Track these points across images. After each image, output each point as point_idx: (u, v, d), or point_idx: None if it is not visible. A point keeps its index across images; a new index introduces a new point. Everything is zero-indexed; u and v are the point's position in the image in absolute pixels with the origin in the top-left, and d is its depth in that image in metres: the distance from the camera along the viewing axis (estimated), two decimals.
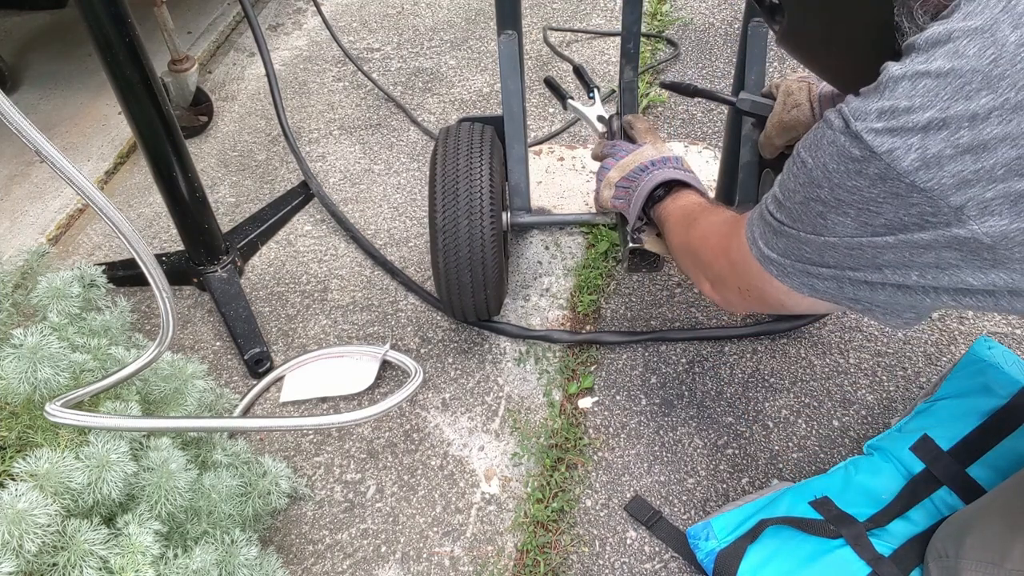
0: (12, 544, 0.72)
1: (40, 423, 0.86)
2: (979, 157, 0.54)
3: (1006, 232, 0.55)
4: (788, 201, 0.67)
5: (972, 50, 0.54)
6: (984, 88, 0.53)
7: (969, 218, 0.55)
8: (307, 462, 1.26)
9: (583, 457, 1.24)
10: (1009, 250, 0.56)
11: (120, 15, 1.14)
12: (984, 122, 0.53)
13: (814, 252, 0.66)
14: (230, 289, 1.48)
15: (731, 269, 0.81)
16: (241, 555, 0.92)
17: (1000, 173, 0.54)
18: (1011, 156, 0.53)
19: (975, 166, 0.54)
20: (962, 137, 0.54)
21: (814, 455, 1.22)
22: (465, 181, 1.21)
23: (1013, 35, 0.53)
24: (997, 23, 0.54)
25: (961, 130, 0.54)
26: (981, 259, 0.57)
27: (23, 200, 1.77)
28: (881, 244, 0.61)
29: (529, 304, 1.47)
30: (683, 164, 1.10)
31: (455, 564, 1.13)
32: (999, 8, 0.54)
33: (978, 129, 0.54)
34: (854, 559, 1.00)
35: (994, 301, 0.61)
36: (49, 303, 0.97)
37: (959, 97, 0.54)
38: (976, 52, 0.54)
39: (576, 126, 1.87)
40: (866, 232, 0.61)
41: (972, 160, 0.54)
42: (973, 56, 0.54)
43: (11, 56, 2.20)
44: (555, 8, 2.32)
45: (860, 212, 0.60)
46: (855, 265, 0.64)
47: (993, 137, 0.53)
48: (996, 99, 0.53)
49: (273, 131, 1.94)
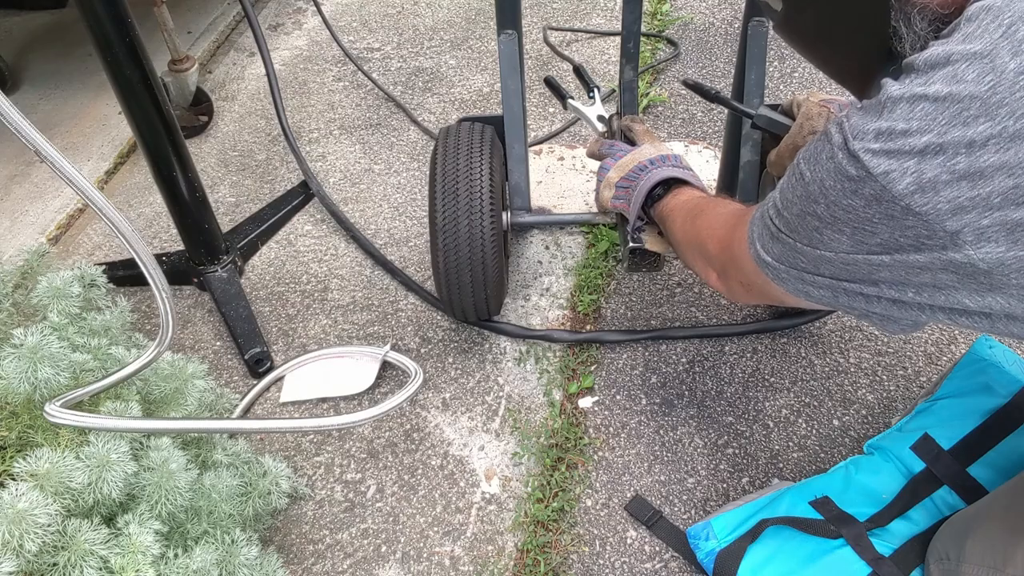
0: (12, 544, 0.72)
1: (40, 423, 0.86)
2: (975, 184, 0.53)
3: (1002, 259, 0.55)
4: (786, 211, 0.67)
5: (971, 75, 0.54)
6: (982, 115, 0.53)
7: (965, 243, 0.55)
8: (307, 462, 1.26)
9: (583, 457, 1.24)
10: (1006, 276, 0.55)
11: (120, 15, 1.14)
12: (981, 150, 0.53)
13: (809, 263, 0.67)
14: (230, 289, 1.48)
15: (733, 263, 0.81)
16: (241, 555, 0.92)
17: (996, 201, 0.53)
18: (1008, 185, 0.53)
19: (971, 193, 0.54)
20: (959, 163, 0.53)
21: (814, 455, 1.21)
22: (465, 181, 1.21)
23: (1012, 62, 0.52)
24: (997, 49, 0.53)
25: (958, 156, 0.53)
26: (978, 283, 0.57)
27: (23, 200, 1.77)
28: (876, 262, 0.61)
29: (529, 304, 1.47)
30: (682, 162, 1.10)
31: (455, 564, 1.13)
32: (998, 34, 0.53)
33: (975, 156, 0.53)
34: (854, 559, 1.00)
35: (990, 324, 0.60)
36: (49, 303, 0.97)
37: (956, 123, 0.54)
38: (975, 78, 0.53)
39: (576, 126, 1.87)
40: (861, 250, 0.61)
41: (968, 187, 0.54)
42: (972, 82, 0.53)
43: (11, 56, 2.19)
44: (555, 8, 2.32)
45: (855, 231, 0.60)
46: (851, 277, 0.64)
47: (990, 165, 0.53)
48: (994, 127, 0.52)
49: (273, 131, 1.94)
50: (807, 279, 0.68)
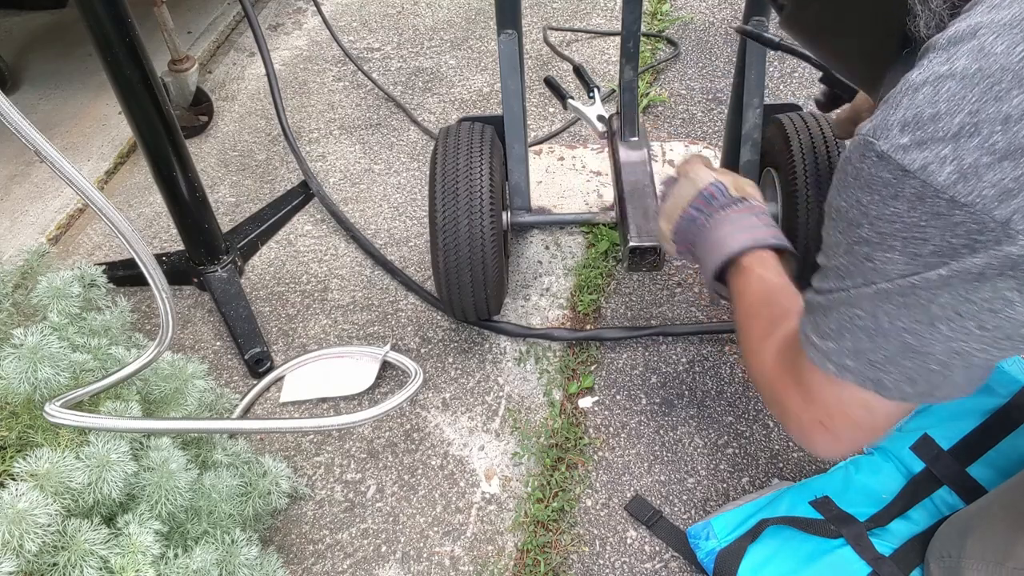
0: (12, 544, 0.72)
1: (40, 423, 0.86)
2: (1018, 163, 0.49)
3: None
4: (833, 259, 0.62)
5: (1000, 47, 0.50)
6: (1015, 87, 0.49)
7: (1018, 232, 0.50)
8: (307, 462, 1.26)
9: (583, 457, 1.24)
10: None
11: (120, 15, 1.14)
12: (1018, 124, 0.49)
13: (868, 316, 0.60)
14: (230, 289, 1.48)
15: (804, 396, 0.71)
16: (241, 555, 0.92)
17: None
18: None
19: (1015, 173, 0.49)
20: (997, 142, 0.50)
21: (814, 454, 1.22)
22: (465, 181, 1.21)
23: None
24: None
25: (995, 135, 0.50)
26: None
27: (23, 200, 1.77)
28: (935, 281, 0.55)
29: (529, 304, 1.47)
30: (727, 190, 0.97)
31: (455, 564, 1.13)
32: None
33: (1012, 132, 0.49)
34: (854, 559, 1.00)
35: None
36: (49, 303, 0.97)
37: (989, 98, 0.50)
38: (1005, 49, 0.50)
39: (576, 126, 1.87)
40: (917, 266, 0.55)
41: (1011, 167, 0.49)
42: (1002, 53, 0.50)
43: (11, 56, 2.19)
44: (555, 8, 2.32)
45: (906, 243, 0.55)
46: (910, 323, 0.58)
47: None
48: None
49: (273, 131, 1.94)
50: (872, 356, 0.61)
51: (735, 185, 0.98)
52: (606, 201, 1.65)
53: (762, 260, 0.90)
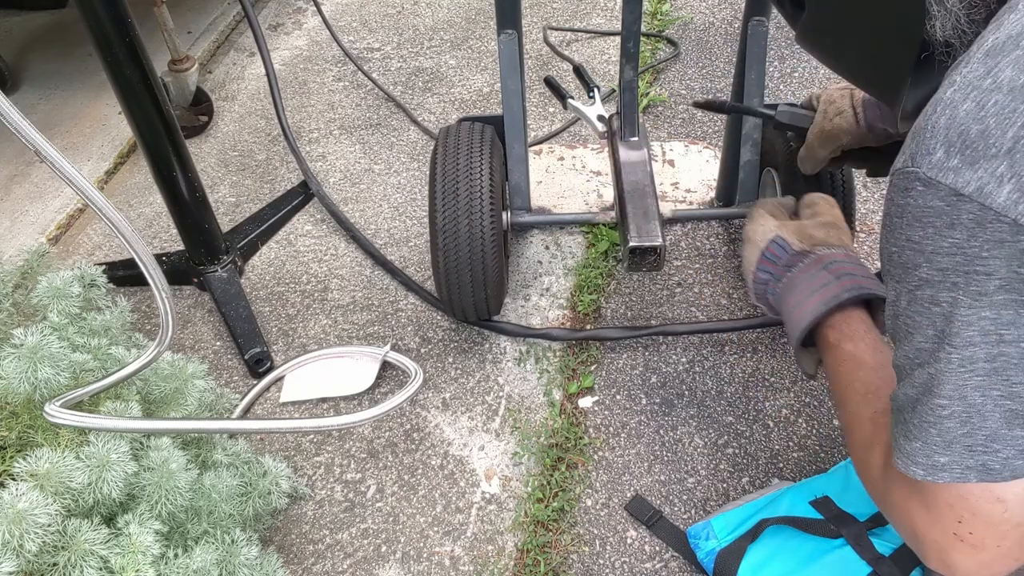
0: (12, 544, 0.72)
1: (40, 423, 0.86)
2: None
3: None
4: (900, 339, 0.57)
5: None
6: None
7: None
8: (307, 462, 1.26)
9: (583, 456, 1.24)
10: None
11: (120, 15, 1.14)
12: None
13: (957, 398, 0.54)
14: (230, 289, 1.48)
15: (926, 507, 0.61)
16: (241, 555, 0.92)
17: None
18: None
19: None
20: None
21: (814, 454, 1.22)
22: (465, 181, 1.21)
23: None
24: None
25: None
26: None
27: (23, 200, 1.77)
28: (1007, 320, 0.50)
29: (529, 304, 1.47)
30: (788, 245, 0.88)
31: (455, 564, 1.13)
32: None
33: None
34: (855, 559, 1.00)
35: None
36: (49, 303, 0.97)
37: None
38: None
39: (576, 126, 1.87)
40: (983, 305, 0.50)
41: None
42: None
43: (11, 56, 2.19)
44: (555, 8, 2.32)
45: (969, 279, 0.50)
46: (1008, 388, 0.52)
47: None
48: None
49: (273, 131, 1.94)
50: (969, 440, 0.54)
51: (799, 233, 0.92)
52: (606, 201, 1.65)
53: (847, 326, 0.82)
